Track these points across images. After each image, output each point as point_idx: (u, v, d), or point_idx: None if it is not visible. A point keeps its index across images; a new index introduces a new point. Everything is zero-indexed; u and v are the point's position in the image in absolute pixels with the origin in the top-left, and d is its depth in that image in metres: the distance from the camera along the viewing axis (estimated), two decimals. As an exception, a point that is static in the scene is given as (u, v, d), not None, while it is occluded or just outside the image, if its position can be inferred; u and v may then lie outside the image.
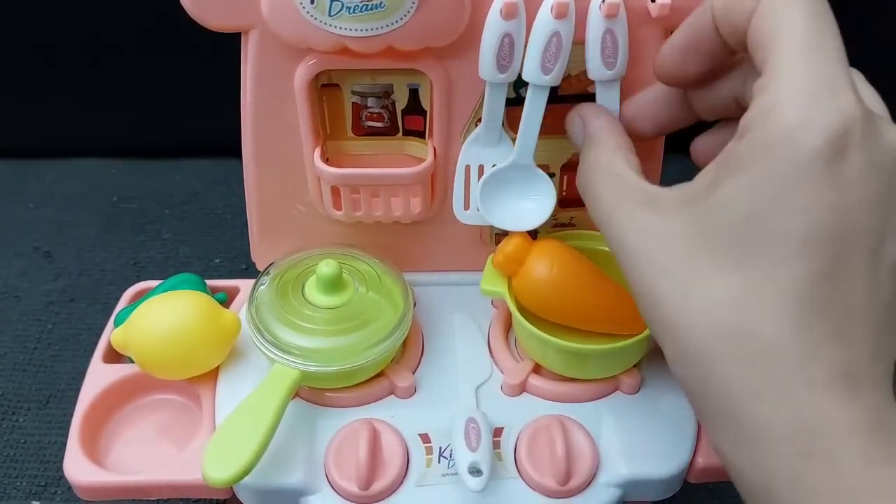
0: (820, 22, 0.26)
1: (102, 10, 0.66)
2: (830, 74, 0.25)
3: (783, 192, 0.24)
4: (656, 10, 0.36)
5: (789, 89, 0.25)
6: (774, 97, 0.25)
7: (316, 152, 0.40)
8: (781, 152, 0.24)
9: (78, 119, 0.73)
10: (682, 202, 0.27)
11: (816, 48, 0.25)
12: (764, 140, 0.25)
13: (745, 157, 0.25)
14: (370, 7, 0.34)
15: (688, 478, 0.38)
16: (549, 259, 0.38)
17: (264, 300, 0.39)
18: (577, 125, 0.37)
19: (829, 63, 0.25)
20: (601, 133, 0.35)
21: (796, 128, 0.24)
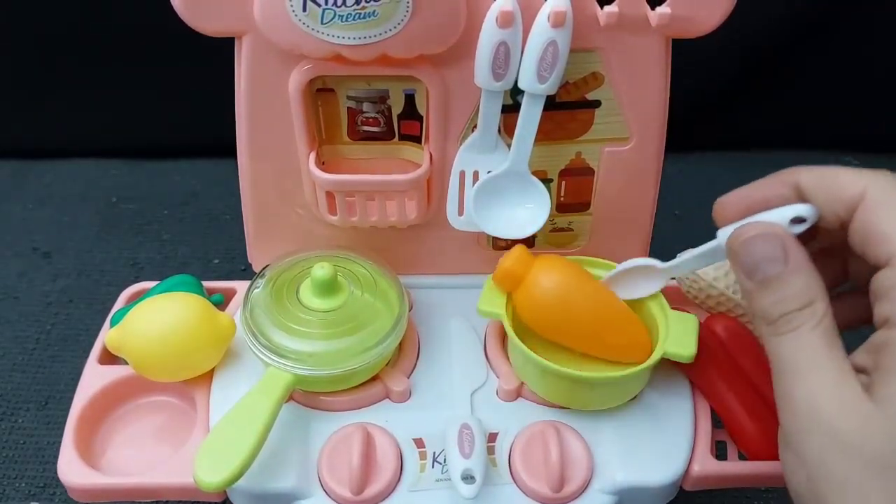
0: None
1: (102, 10, 0.66)
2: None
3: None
4: (656, 19, 0.36)
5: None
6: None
7: (311, 157, 0.40)
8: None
9: (77, 120, 0.73)
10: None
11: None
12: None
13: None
14: (363, 15, 0.33)
15: (683, 485, 0.38)
16: (555, 273, 0.38)
17: (259, 303, 0.39)
18: (772, 249, 0.30)
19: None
20: (819, 297, 0.29)
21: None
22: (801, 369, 0.28)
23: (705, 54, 0.58)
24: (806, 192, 0.31)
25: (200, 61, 0.57)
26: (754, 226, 0.31)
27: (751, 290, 0.30)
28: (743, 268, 0.31)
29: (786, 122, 0.74)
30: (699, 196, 0.71)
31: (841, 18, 0.69)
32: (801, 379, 0.28)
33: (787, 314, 0.29)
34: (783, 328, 0.29)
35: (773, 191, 0.32)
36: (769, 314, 0.29)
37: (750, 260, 0.30)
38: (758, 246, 0.30)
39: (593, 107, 0.40)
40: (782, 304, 0.29)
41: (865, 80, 0.72)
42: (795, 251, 0.30)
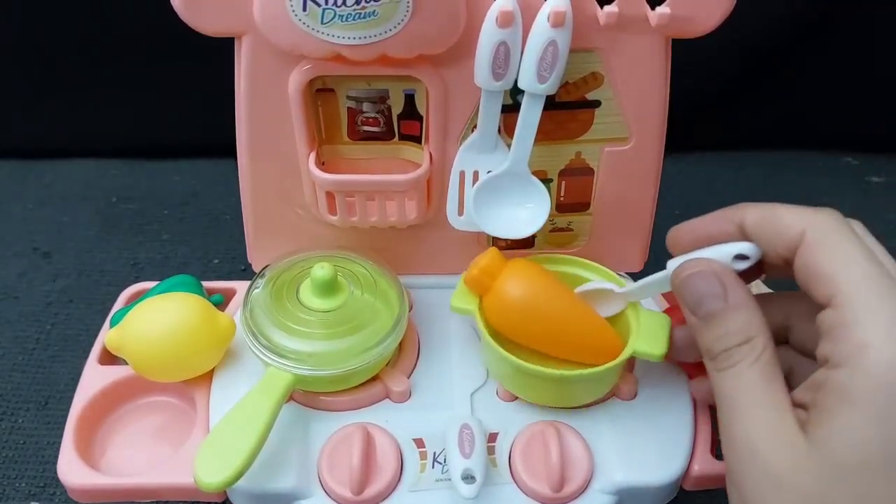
0: (876, 253, 0.29)
1: (102, 10, 0.66)
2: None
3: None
4: (656, 19, 0.36)
5: (877, 329, 0.27)
6: (865, 334, 0.27)
7: (311, 157, 0.40)
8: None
9: (77, 119, 0.73)
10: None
11: (885, 281, 0.27)
12: (868, 376, 0.26)
13: (851, 389, 0.26)
14: (363, 15, 0.33)
15: (683, 485, 0.38)
16: (522, 279, 0.38)
17: (259, 303, 0.39)
18: (711, 287, 0.31)
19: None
20: (758, 333, 0.30)
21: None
22: (739, 406, 0.29)
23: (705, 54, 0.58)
24: (749, 230, 0.32)
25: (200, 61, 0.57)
26: (695, 262, 0.32)
27: (695, 325, 0.31)
28: (686, 303, 0.32)
29: (786, 122, 0.74)
30: (699, 196, 0.72)
31: (841, 18, 0.69)
32: (738, 416, 0.29)
33: (728, 350, 0.30)
34: (723, 364, 0.30)
35: (719, 227, 0.33)
36: (711, 350, 0.30)
37: (692, 296, 0.31)
38: (699, 282, 0.31)
39: (593, 107, 0.40)
40: (723, 340, 0.30)
41: (865, 80, 0.72)
42: (734, 288, 0.31)
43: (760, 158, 0.76)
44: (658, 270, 0.41)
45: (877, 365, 0.26)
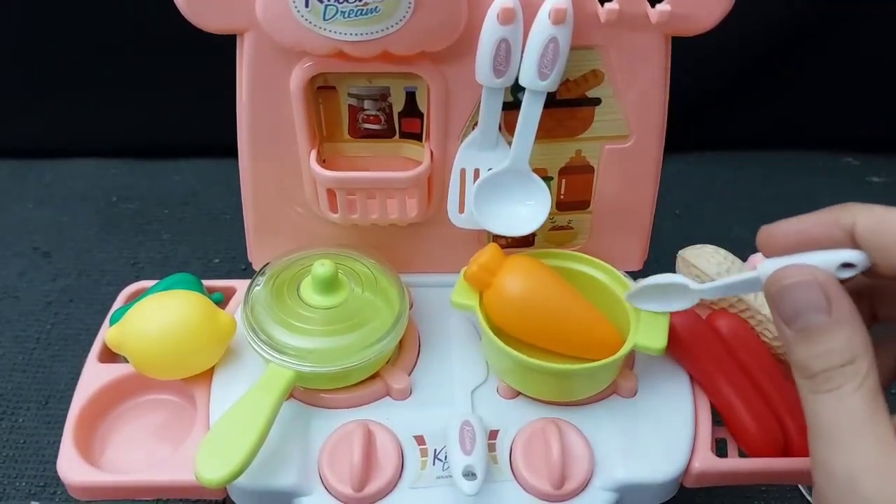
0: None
1: (102, 10, 0.66)
2: None
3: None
4: (656, 17, 0.36)
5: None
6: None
7: (312, 154, 0.40)
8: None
9: (77, 119, 0.73)
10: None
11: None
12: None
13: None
14: (365, 11, 0.33)
15: (684, 482, 0.38)
16: (522, 275, 0.38)
17: (259, 300, 0.39)
18: (814, 298, 0.28)
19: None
20: (863, 354, 0.27)
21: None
22: (841, 438, 0.26)
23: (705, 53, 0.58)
24: (861, 237, 0.28)
25: (200, 62, 0.58)
26: (797, 269, 0.28)
27: (789, 338, 0.28)
28: (782, 313, 0.28)
29: (786, 122, 0.75)
30: (699, 196, 0.72)
31: (841, 18, 0.69)
32: (840, 448, 0.26)
33: (828, 371, 0.27)
34: (823, 386, 0.27)
35: (823, 231, 0.29)
36: (809, 368, 0.27)
37: (790, 307, 0.28)
38: (800, 292, 0.28)
39: (593, 104, 0.40)
40: (823, 359, 0.27)
41: (865, 80, 0.72)
42: (840, 301, 0.27)
43: (760, 158, 0.77)
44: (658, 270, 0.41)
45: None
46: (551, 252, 0.42)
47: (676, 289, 0.36)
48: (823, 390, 0.27)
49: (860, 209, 0.29)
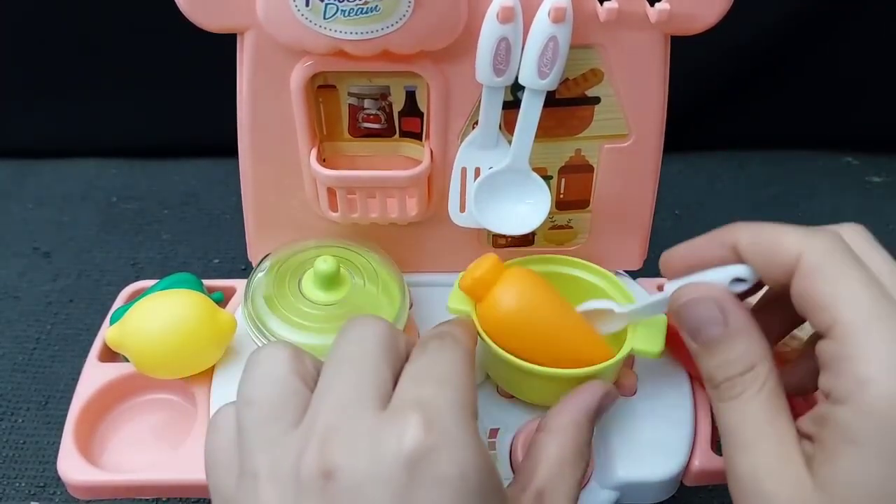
0: (881, 274, 0.28)
1: (102, 10, 0.66)
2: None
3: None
4: (655, 16, 0.36)
5: (878, 364, 0.25)
6: (865, 370, 0.26)
7: (312, 153, 0.40)
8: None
9: (77, 119, 0.73)
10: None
11: (887, 311, 0.26)
12: (871, 415, 0.25)
13: (853, 429, 0.26)
14: (365, 10, 0.34)
15: (684, 480, 0.38)
16: (516, 292, 0.36)
17: (261, 294, 0.39)
18: (710, 312, 0.30)
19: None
20: (761, 360, 0.29)
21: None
22: (744, 440, 0.28)
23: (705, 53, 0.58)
24: (743, 254, 0.30)
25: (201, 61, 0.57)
26: (692, 287, 0.31)
27: (695, 350, 0.31)
28: (686, 330, 0.31)
29: (786, 122, 0.75)
30: (699, 196, 0.72)
31: (841, 18, 0.69)
32: (744, 450, 0.28)
33: (730, 379, 0.29)
34: (727, 394, 0.29)
35: (711, 251, 0.32)
36: (714, 378, 0.29)
37: (691, 323, 0.30)
38: (697, 308, 0.30)
39: (593, 103, 0.40)
40: (725, 368, 0.29)
41: (865, 79, 0.72)
42: (735, 313, 0.30)
43: (760, 158, 0.77)
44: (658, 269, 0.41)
45: (878, 402, 0.25)
46: (552, 258, 0.42)
47: (605, 313, 0.37)
48: (727, 398, 0.29)
49: (741, 227, 0.31)
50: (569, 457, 0.32)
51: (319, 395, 0.28)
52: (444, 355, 0.30)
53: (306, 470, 0.25)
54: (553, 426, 0.33)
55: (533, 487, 0.31)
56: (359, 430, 0.26)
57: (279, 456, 0.26)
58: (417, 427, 0.25)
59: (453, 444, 0.26)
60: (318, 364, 0.30)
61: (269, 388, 0.28)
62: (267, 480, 0.26)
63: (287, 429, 0.27)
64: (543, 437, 0.33)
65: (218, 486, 0.28)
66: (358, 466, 0.25)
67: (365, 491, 0.25)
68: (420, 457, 0.25)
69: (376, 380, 0.28)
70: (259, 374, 0.29)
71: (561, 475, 0.31)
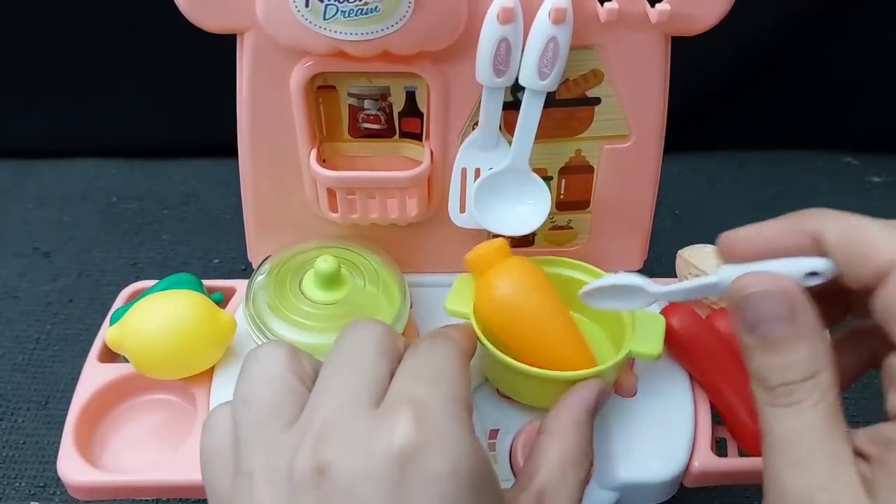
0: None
1: (102, 10, 0.66)
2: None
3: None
4: (655, 16, 0.36)
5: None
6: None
7: (312, 154, 0.40)
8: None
9: (77, 119, 0.73)
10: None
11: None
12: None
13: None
14: (365, 11, 0.34)
15: (684, 481, 0.38)
16: (512, 279, 0.36)
17: (262, 295, 0.39)
18: (779, 308, 0.27)
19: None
20: (825, 369, 0.26)
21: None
22: (796, 456, 0.25)
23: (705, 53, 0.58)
24: (829, 247, 0.27)
25: (201, 61, 0.57)
26: (763, 277, 0.27)
27: (750, 346, 0.27)
28: (744, 321, 0.28)
29: (786, 122, 0.75)
30: (699, 196, 0.72)
31: (841, 18, 0.69)
32: (795, 467, 0.25)
33: (788, 384, 0.26)
34: (781, 400, 0.26)
35: (791, 238, 0.28)
36: (768, 379, 0.27)
37: (753, 315, 0.27)
38: (765, 301, 0.27)
39: (593, 104, 0.40)
40: (783, 371, 0.26)
41: (866, 79, 0.72)
42: (805, 313, 0.27)
43: (760, 158, 0.76)
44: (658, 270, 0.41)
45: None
46: (553, 259, 0.41)
47: (633, 290, 0.35)
48: (782, 404, 0.26)
49: (830, 216, 0.28)
50: (571, 458, 0.31)
51: (316, 394, 0.28)
52: (436, 352, 0.30)
53: (300, 468, 0.25)
54: (553, 428, 0.33)
55: (533, 488, 0.30)
56: (352, 428, 0.26)
57: (274, 455, 0.26)
58: (408, 424, 0.25)
59: (445, 440, 0.26)
60: (315, 364, 0.30)
61: (266, 388, 0.28)
62: (262, 479, 0.26)
63: (283, 428, 0.27)
64: (544, 439, 0.33)
65: (213, 486, 0.28)
66: (350, 464, 0.25)
67: (357, 488, 0.25)
68: (411, 453, 0.25)
69: (373, 380, 0.28)
70: (256, 374, 0.29)
71: (563, 477, 0.31)
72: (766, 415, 0.27)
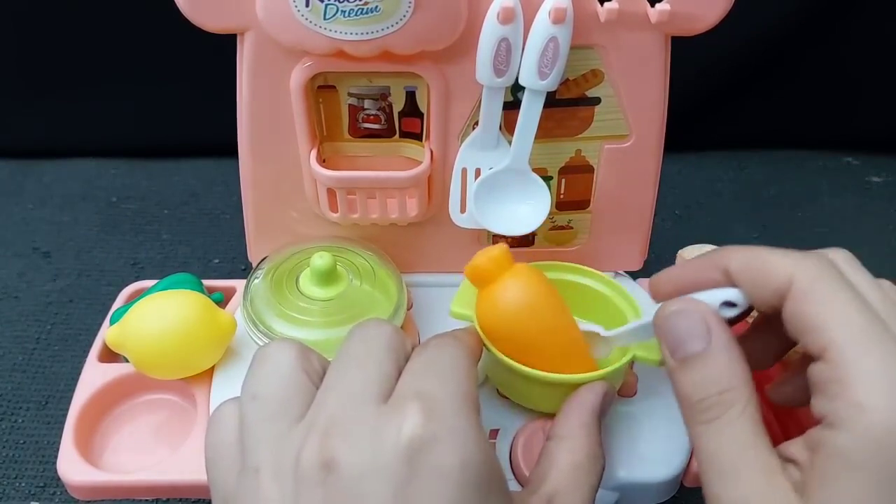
0: (869, 298, 0.27)
1: (102, 10, 0.66)
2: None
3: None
4: (656, 16, 0.36)
5: (874, 388, 0.25)
6: (861, 394, 0.25)
7: (312, 154, 0.40)
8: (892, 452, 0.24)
9: (77, 119, 0.73)
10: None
11: (879, 334, 0.26)
12: (868, 440, 0.24)
13: (851, 454, 0.25)
14: (365, 11, 0.34)
15: (684, 481, 0.38)
16: (519, 293, 0.35)
17: (259, 293, 0.40)
18: (694, 326, 0.29)
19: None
20: (742, 384, 0.28)
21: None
22: (726, 468, 0.27)
23: (705, 53, 0.58)
24: (735, 277, 0.30)
25: (201, 61, 0.58)
26: (679, 301, 0.30)
27: (672, 369, 0.29)
28: (667, 344, 0.30)
29: (786, 121, 0.75)
30: (699, 196, 0.72)
31: (841, 18, 0.69)
32: (726, 480, 0.27)
33: (708, 398, 0.27)
34: (703, 416, 0.28)
35: (702, 274, 0.31)
36: (689, 396, 0.28)
37: (673, 336, 0.29)
38: (680, 321, 0.29)
39: (593, 104, 0.40)
40: (703, 386, 0.28)
41: (866, 79, 0.72)
42: (719, 330, 0.28)
43: (760, 158, 0.76)
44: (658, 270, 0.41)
45: (876, 426, 0.24)
46: (558, 265, 0.41)
47: (590, 336, 0.37)
48: (704, 420, 0.27)
49: (733, 250, 0.30)
50: (582, 462, 0.31)
51: (324, 391, 0.28)
52: (444, 351, 0.30)
53: (307, 462, 0.25)
54: (563, 432, 0.33)
55: (543, 492, 0.30)
56: (360, 423, 0.26)
57: (281, 450, 0.26)
58: (417, 417, 0.25)
59: (454, 434, 0.26)
60: (324, 362, 0.30)
61: (275, 384, 0.28)
62: (268, 474, 0.26)
63: (291, 424, 0.27)
64: (554, 443, 0.32)
65: (218, 482, 0.28)
66: (358, 458, 0.25)
67: (365, 482, 0.25)
68: (420, 447, 0.25)
69: (381, 377, 0.28)
70: (266, 370, 0.29)
71: (575, 481, 0.31)
72: (694, 435, 0.28)
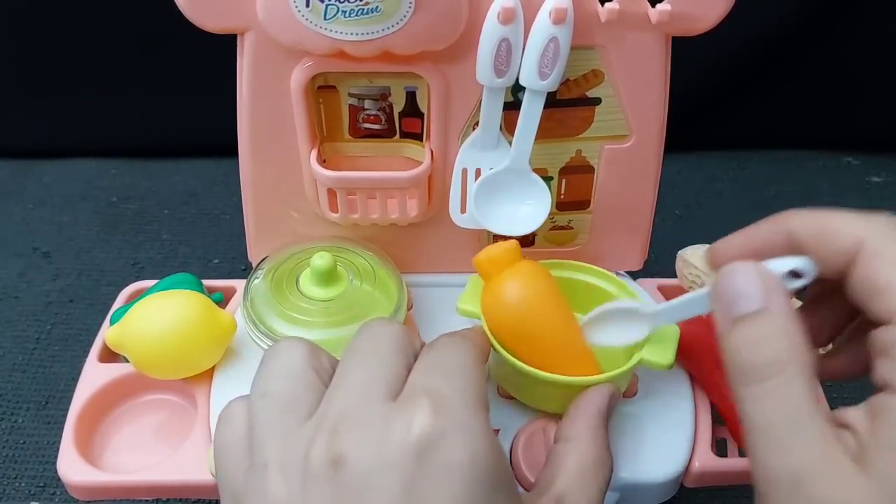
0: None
1: (102, 10, 0.66)
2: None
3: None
4: (656, 17, 0.36)
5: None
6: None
7: (312, 154, 0.40)
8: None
9: (77, 119, 0.73)
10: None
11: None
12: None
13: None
14: (366, 11, 0.34)
15: (684, 482, 0.38)
16: (523, 284, 0.35)
17: (259, 293, 0.40)
18: (751, 285, 0.27)
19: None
20: (799, 346, 0.26)
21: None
22: (778, 436, 0.25)
23: (705, 53, 0.58)
24: (801, 242, 0.28)
25: (201, 61, 0.58)
26: (741, 262, 0.28)
27: (725, 331, 0.27)
28: (721, 304, 0.28)
29: (786, 122, 0.75)
30: (699, 196, 0.72)
31: (841, 18, 0.69)
32: (779, 447, 0.25)
33: (761, 363, 0.26)
34: (753, 378, 0.26)
35: (764, 238, 0.29)
36: (741, 359, 0.26)
37: (728, 294, 0.27)
38: (738, 279, 0.27)
39: (593, 104, 0.40)
40: (755, 347, 0.26)
41: (865, 79, 0.72)
42: (777, 292, 0.27)
43: (760, 158, 0.77)
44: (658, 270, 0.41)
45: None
46: (564, 263, 0.41)
47: (629, 315, 0.35)
48: (755, 380, 0.26)
49: (797, 214, 0.29)
50: (590, 464, 0.31)
51: (333, 388, 0.28)
52: (453, 349, 0.30)
53: (315, 459, 0.25)
54: (570, 434, 0.33)
55: (552, 493, 0.30)
56: (369, 419, 0.26)
57: (290, 447, 0.26)
58: (426, 413, 0.25)
59: (462, 430, 0.26)
60: (333, 361, 0.30)
61: (284, 382, 0.28)
62: (276, 471, 0.26)
63: (300, 421, 0.27)
64: (561, 445, 0.32)
65: (226, 479, 0.28)
66: (366, 454, 0.25)
67: (373, 478, 0.24)
68: (428, 443, 0.25)
69: (389, 374, 0.28)
70: (276, 368, 0.29)
71: (583, 483, 0.31)
72: (743, 399, 0.26)
